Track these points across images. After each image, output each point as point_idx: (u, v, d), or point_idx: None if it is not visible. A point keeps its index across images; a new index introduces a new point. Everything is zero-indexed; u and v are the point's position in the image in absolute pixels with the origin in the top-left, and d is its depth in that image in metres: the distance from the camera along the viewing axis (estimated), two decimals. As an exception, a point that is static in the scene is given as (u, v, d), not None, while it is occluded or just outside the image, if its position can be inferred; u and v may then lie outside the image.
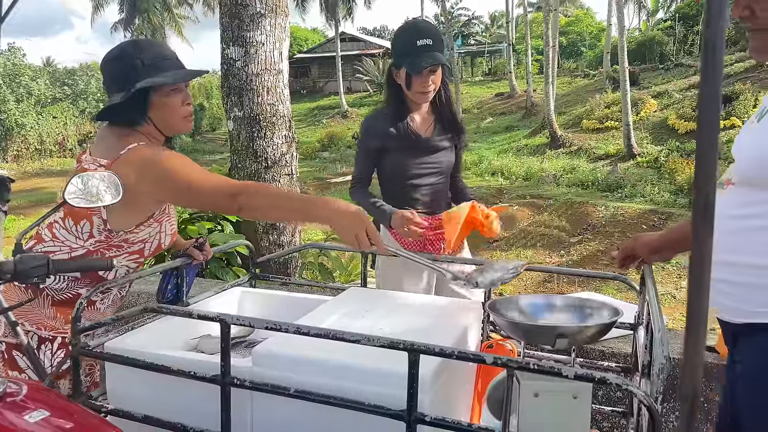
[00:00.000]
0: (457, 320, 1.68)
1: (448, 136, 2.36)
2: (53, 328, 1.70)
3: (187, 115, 1.72)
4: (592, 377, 1.05)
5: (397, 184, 2.34)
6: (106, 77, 1.70)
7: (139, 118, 1.67)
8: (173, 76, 1.64)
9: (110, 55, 1.70)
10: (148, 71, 1.62)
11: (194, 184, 1.59)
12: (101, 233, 1.65)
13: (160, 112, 1.67)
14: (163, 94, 1.65)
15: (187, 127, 1.75)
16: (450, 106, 2.38)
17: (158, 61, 1.64)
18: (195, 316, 1.40)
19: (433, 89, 2.25)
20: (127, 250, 1.71)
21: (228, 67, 4.22)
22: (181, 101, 1.69)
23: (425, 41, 2.17)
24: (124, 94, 1.62)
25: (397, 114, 2.30)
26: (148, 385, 1.51)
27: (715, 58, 0.51)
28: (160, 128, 1.70)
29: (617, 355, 2.28)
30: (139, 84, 1.60)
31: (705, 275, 0.53)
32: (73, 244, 1.67)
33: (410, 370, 1.17)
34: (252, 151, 4.27)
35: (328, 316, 1.68)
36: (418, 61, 2.16)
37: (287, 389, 1.30)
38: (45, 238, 1.69)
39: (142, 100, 1.64)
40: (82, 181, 1.60)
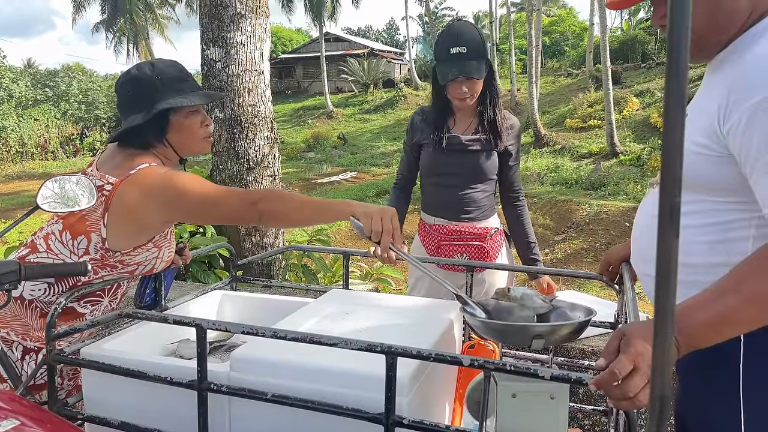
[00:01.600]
0: (438, 321, 1.68)
1: (483, 139, 2.27)
2: (39, 339, 1.67)
3: (205, 136, 1.71)
4: (569, 378, 1.05)
5: (428, 180, 2.32)
6: (123, 98, 1.66)
7: (157, 139, 1.65)
8: (194, 99, 1.63)
9: (127, 76, 1.67)
10: (166, 93, 1.60)
11: (210, 198, 1.57)
12: (97, 251, 1.61)
13: (179, 134, 1.65)
14: (182, 116, 1.64)
15: (205, 148, 1.74)
16: (493, 109, 2.28)
17: (176, 83, 1.63)
18: (170, 321, 1.38)
19: (468, 96, 2.19)
20: (120, 270, 1.68)
21: (208, 68, 4.19)
22: (200, 122, 1.68)
23: (459, 49, 2.10)
24: (143, 115, 1.59)
25: (438, 111, 2.28)
26: (125, 391, 1.49)
27: (680, 62, 0.51)
28: (177, 149, 1.68)
29: (597, 354, 2.29)
30: (160, 105, 1.58)
31: (671, 276, 0.53)
32: (67, 258, 1.62)
33: (388, 373, 1.17)
34: (233, 152, 4.24)
35: (307, 318, 1.67)
36: (447, 71, 2.13)
37: (265, 394, 1.29)
38: (39, 248, 1.65)
39: (162, 121, 1.62)
40: (58, 185, 1.57)
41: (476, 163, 2.27)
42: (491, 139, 2.27)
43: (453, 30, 2.20)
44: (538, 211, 13.38)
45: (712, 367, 1.20)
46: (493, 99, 2.29)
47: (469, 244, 2.30)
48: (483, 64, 2.16)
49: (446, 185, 2.28)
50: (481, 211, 2.33)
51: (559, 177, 16.88)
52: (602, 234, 11.41)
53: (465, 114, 2.30)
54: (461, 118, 2.30)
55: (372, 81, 34.95)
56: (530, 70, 21.18)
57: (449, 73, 2.12)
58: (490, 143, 2.27)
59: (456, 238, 2.29)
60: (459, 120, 2.30)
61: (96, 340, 1.63)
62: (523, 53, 32.98)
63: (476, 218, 2.31)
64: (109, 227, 1.58)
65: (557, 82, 29.81)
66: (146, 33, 37.53)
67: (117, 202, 1.56)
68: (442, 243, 2.29)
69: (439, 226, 2.30)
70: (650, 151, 17.49)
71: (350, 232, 12.76)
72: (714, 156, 1.14)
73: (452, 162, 2.26)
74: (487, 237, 2.32)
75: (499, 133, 2.28)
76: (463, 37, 2.13)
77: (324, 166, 22.69)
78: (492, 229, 2.36)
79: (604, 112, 19.02)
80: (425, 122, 2.31)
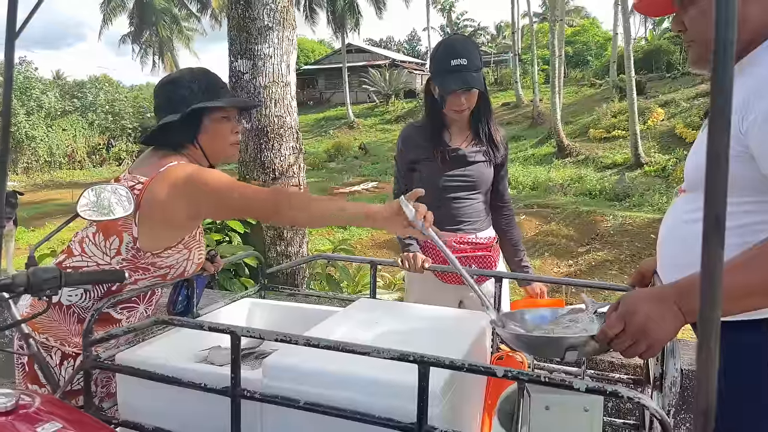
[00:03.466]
0: (467, 332, 1.68)
1: (483, 149, 2.30)
2: (77, 345, 1.70)
3: (234, 142, 1.77)
4: (604, 390, 1.05)
5: (428, 197, 2.32)
6: (161, 99, 1.72)
7: (188, 140, 1.70)
8: (228, 101, 1.69)
9: (166, 79, 1.75)
10: (202, 96, 1.67)
11: (236, 189, 1.61)
12: (129, 251, 1.65)
13: (210, 137, 1.71)
14: (215, 120, 1.70)
15: (233, 155, 1.80)
16: (488, 121, 2.31)
17: (213, 88, 1.70)
18: (206, 328, 1.41)
19: (467, 108, 2.21)
20: (153, 273, 1.71)
21: (236, 80, 4.25)
22: (231, 130, 1.74)
23: (459, 61, 2.12)
24: (179, 116, 1.65)
25: (433, 125, 2.29)
26: (158, 396, 1.51)
27: (726, 71, 0.51)
28: (207, 153, 1.74)
29: (627, 367, 2.26)
30: (194, 105, 1.64)
31: (717, 287, 0.53)
32: (100, 260, 1.67)
33: (420, 382, 1.17)
34: (260, 162, 4.29)
35: (337, 327, 1.68)
36: (448, 83, 2.14)
37: (297, 401, 1.31)
38: (74, 252, 1.70)
39: (195, 122, 1.68)
40: (95, 193, 1.61)
41: (477, 174, 2.31)
42: (490, 150, 2.32)
43: (452, 43, 2.23)
44: (561, 222, 13.27)
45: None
46: (487, 111, 2.32)
47: (476, 254, 2.31)
48: (481, 76, 2.19)
49: (450, 198, 2.29)
50: (482, 221, 2.36)
51: (583, 188, 16.74)
52: (627, 246, 11.26)
53: (460, 127, 2.31)
54: (457, 131, 2.32)
55: (393, 91, 35.09)
56: (553, 80, 21.09)
57: (452, 84, 2.14)
58: (489, 154, 2.32)
59: (466, 249, 2.29)
60: (455, 133, 2.32)
61: (130, 346, 1.66)
62: (545, 63, 32.84)
63: (479, 228, 2.33)
64: (140, 226, 1.61)
65: (580, 92, 29.64)
66: (172, 45, 38.17)
67: (147, 200, 1.60)
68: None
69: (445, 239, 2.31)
70: (675, 162, 17.27)
71: (371, 242, 12.78)
72: (734, 155, 1.17)
73: (455, 174, 2.28)
74: (492, 246, 2.34)
75: (498, 145, 2.33)
76: (462, 50, 2.16)
77: (345, 176, 22.80)
78: (495, 237, 2.38)
79: (628, 122, 18.84)
80: (421, 138, 2.31)
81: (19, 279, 1.30)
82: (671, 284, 1.15)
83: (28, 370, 1.71)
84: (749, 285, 1.06)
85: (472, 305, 2.29)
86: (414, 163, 2.32)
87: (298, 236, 4.48)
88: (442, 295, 2.30)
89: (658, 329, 1.06)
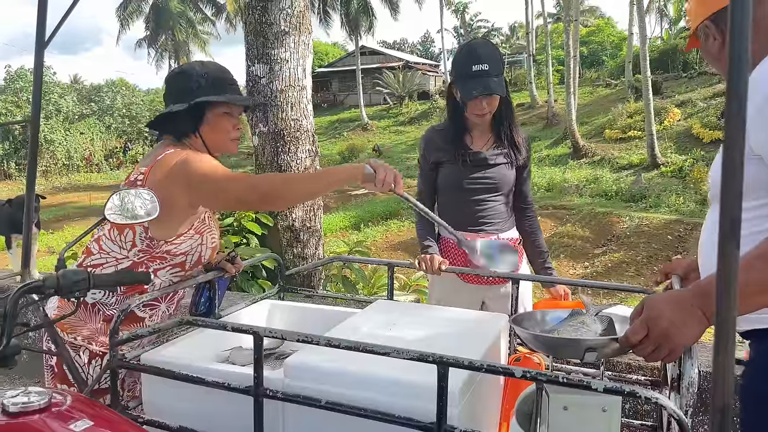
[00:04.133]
0: (484, 333, 1.70)
1: (505, 151, 2.32)
2: (103, 344, 1.73)
3: (234, 138, 1.82)
4: (622, 390, 1.06)
5: (450, 197, 2.35)
6: (169, 89, 1.79)
7: (190, 130, 1.76)
8: (230, 98, 1.73)
9: (177, 70, 1.82)
10: (209, 90, 1.72)
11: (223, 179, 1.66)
12: (143, 242, 1.71)
13: (211, 129, 1.76)
14: (217, 114, 1.75)
15: (232, 149, 1.84)
16: (510, 124, 2.33)
17: (220, 83, 1.75)
18: (229, 328, 1.44)
19: (488, 113, 2.23)
20: (170, 262, 1.77)
21: (253, 84, 4.30)
22: (232, 125, 1.79)
23: (480, 66, 2.13)
24: (184, 106, 1.71)
25: (455, 129, 2.31)
26: (183, 396, 1.55)
27: (740, 77, 0.53)
28: (208, 144, 1.79)
29: (644, 368, 2.27)
30: (198, 98, 1.70)
31: (732, 288, 0.55)
32: (118, 254, 1.73)
33: (439, 383, 1.19)
34: (276, 165, 4.33)
35: (356, 328, 1.71)
36: (469, 89, 2.16)
37: (319, 401, 1.33)
38: (93, 251, 1.76)
39: (198, 114, 1.74)
40: (119, 197, 1.66)
41: (499, 176, 2.32)
42: (511, 153, 2.33)
43: (474, 47, 2.24)
44: (577, 224, 13.20)
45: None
46: (509, 114, 2.34)
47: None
48: (503, 81, 2.21)
49: (472, 199, 2.31)
50: (505, 222, 2.37)
51: (599, 189, 16.64)
52: (644, 247, 11.19)
53: (482, 130, 2.33)
54: (478, 134, 2.34)
55: (407, 93, 35.11)
56: (568, 81, 20.99)
57: (473, 90, 2.15)
58: (511, 157, 2.33)
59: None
60: (476, 136, 2.34)
61: (155, 346, 1.70)
62: (560, 64, 32.69)
63: (502, 229, 2.34)
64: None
65: (595, 93, 29.46)
66: (187, 48, 38.51)
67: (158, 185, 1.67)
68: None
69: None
70: (692, 163, 17.12)
71: (385, 244, 12.80)
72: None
73: (476, 176, 2.30)
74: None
75: (519, 148, 2.35)
76: (484, 55, 2.17)
77: (360, 178, 22.82)
78: (518, 238, 2.38)
79: (644, 122, 18.71)
80: (443, 141, 2.33)
81: (49, 281, 1.34)
82: (691, 287, 1.16)
83: (57, 371, 1.75)
84: (763, 282, 1.07)
85: (494, 306, 2.31)
86: (436, 165, 2.34)
87: (313, 238, 4.52)
88: (464, 295, 2.31)
89: (681, 334, 1.08)
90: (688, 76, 25.99)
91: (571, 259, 10.94)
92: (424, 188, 2.42)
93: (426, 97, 35.46)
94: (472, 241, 2.12)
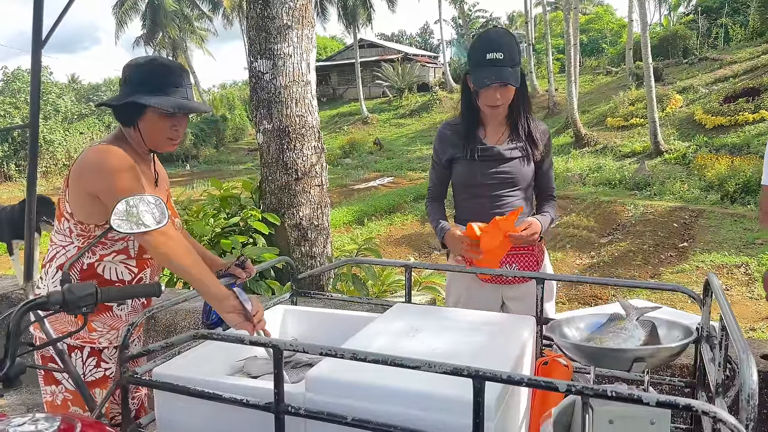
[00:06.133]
0: (511, 337, 1.62)
1: (521, 145, 2.24)
2: (79, 337, 1.74)
3: (172, 137, 1.79)
4: (676, 404, 0.98)
5: (465, 193, 2.26)
6: (123, 76, 1.78)
7: (129, 123, 1.77)
8: (162, 102, 1.70)
9: (137, 60, 1.80)
10: (153, 89, 1.71)
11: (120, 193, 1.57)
12: (76, 227, 1.74)
13: (147, 126, 1.76)
14: (155, 113, 1.73)
15: (168, 148, 1.84)
16: (526, 116, 2.24)
17: (167, 87, 1.73)
18: (247, 342, 1.36)
19: (501, 104, 2.14)
20: (112, 248, 1.77)
21: (256, 80, 4.20)
22: (170, 125, 1.77)
23: (495, 55, 2.06)
24: (123, 98, 1.72)
25: (468, 122, 2.23)
26: (198, 412, 1.47)
27: None
28: (145, 140, 1.78)
29: (673, 368, 2.19)
30: (132, 98, 1.69)
31: None
32: (63, 242, 1.77)
33: (475, 398, 1.12)
34: (282, 163, 4.24)
35: (377, 336, 1.63)
36: (482, 77, 2.07)
37: (344, 417, 1.26)
38: (50, 250, 1.80)
39: (136, 110, 1.72)
40: (124, 204, 1.57)
41: (515, 170, 2.23)
42: (528, 147, 2.24)
43: (490, 35, 2.16)
44: (581, 213, 13.11)
45: None
46: (526, 107, 2.24)
47: (519, 253, 2.23)
48: (518, 72, 2.11)
49: (488, 195, 2.22)
50: (524, 219, 2.26)
51: (602, 177, 16.52)
52: (650, 235, 11.09)
53: (496, 123, 2.24)
54: (493, 128, 2.25)
55: (406, 85, 34.93)
56: (569, 69, 20.82)
57: (486, 79, 2.06)
58: (527, 151, 2.24)
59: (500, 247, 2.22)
60: (491, 130, 2.25)
61: (165, 360, 1.62)
62: (559, 52, 32.50)
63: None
64: (70, 200, 1.73)
65: (596, 81, 29.29)
66: (185, 45, 38.33)
67: (72, 175, 1.73)
68: None
69: None
70: (696, 149, 16.99)
71: (390, 240, 12.73)
72: None
73: (491, 172, 2.21)
74: (535, 245, 2.25)
75: (536, 142, 2.25)
76: (500, 44, 2.08)
77: (361, 172, 22.73)
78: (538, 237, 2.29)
79: (646, 109, 18.56)
80: (456, 135, 2.25)
81: (54, 297, 1.26)
82: None
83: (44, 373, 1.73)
84: None
85: (514, 306, 2.22)
86: (450, 162, 2.26)
87: (321, 236, 4.44)
88: (482, 295, 2.23)
89: None
90: (689, 62, 25.77)
91: (577, 249, 10.83)
92: (435, 183, 2.34)
93: (426, 89, 35.27)
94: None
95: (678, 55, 27.76)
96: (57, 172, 28.50)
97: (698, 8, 31.79)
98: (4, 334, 1.24)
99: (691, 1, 36.90)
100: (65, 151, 28.91)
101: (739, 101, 18.42)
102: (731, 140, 16.88)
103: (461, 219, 2.30)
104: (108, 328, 1.78)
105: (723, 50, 26.37)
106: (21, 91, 28.63)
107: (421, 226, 12.99)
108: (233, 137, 34.99)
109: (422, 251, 11.37)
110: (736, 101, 18.53)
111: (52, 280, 1.76)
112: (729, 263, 9.06)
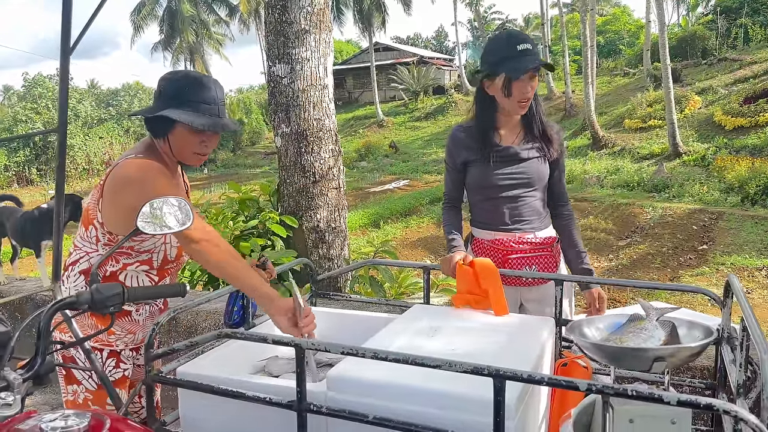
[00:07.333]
0: (530, 338, 1.63)
1: (536, 145, 2.24)
2: (98, 340, 1.77)
3: (199, 152, 1.80)
4: (698, 403, 0.99)
5: (481, 196, 2.26)
6: (157, 88, 1.80)
7: (159, 134, 1.79)
8: (191, 119, 1.71)
9: (171, 75, 1.81)
10: (184, 105, 1.72)
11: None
12: (104, 236, 1.75)
13: (176, 140, 1.77)
14: (185, 129, 1.74)
15: (194, 163, 1.85)
16: (540, 115, 2.25)
17: (197, 103, 1.73)
18: (270, 341, 1.39)
19: (530, 98, 2.16)
20: (136, 258, 1.78)
21: (275, 85, 4.24)
22: (199, 141, 1.78)
23: (525, 45, 2.08)
24: (155, 110, 1.73)
25: (482, 125, 2.24)
26: (220, 410, 1.50)
27: None
28: (174, 152, 1.80)
29: (693, 369, 2.18)
30: (163, 111, 1.70)
31: None
32: (89, 249, 1.78)
33: (496, 397, 1.13)
34: (300, 166, 4.27)
35: (397, 336, 1.64)
36: (521, 65, 2.07)
37: (366, 416, 1.27)
38: (72, 254, 1.81)
39: (168, 123, 1.74)
40: (150, 206, 1.61)
41: (532, 170, 2.23)
42: (543, 147, 2.25)
43: (512, 32, 2.22)
44: (599, 216, 13.02)
45: None
46: (539, 107, 2.26)
47: (537, 254, 2.22)
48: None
49: (505, 197, 2.22)
50: (541, 219, 2.27)
51: (620, 179, 16.39)
52: (669, 238, 10.98)
53: (511, 126, 2.24)
54: (507, 131, 2.25)
55: (422, 88, 34.93)
56: (586, 71, 20.71)
57: (527, 64, 2.06)
58: (543, 151, 2.24)
59: (525, 249, 2.21)
60: (505, 133, 2.25)
61: (189, 359, 1.65)
62: (576, 54, 32.32)
63: (538, 227, 2.24)
64: (103, 211, 1.73)
65: (613, 82, 29.07)
66: (202, 50, 38.68)
67: (106, 188, 1.73)
68: (509, 257, 2.21)
69: (501, 240, 2.22)
70: (715, 151, 16.80)
71: (406, 243, 12.73)
72: None
73: (508, 172, 2.21)
74: (552, 246, 2.25)
75: (551, 140, 2.26)
76: (524, 37, 2.13)
77: (376, 175, 22.78)
78: (555, 237, 2.28)
79: (664, 111, 18.40)
80: (470, 138, 2.25)
81: (83, 297, 1.29)
82: None
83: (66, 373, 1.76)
84: None
85: (533, 308, 2.22)
86: (465, 165, 2.26)
87: (339, 238, 4.46)
88: None
89: None
90: (708, 63, 25.50)
91: (595, 252, 10.76)
92: (450, 187, 2.34)
93: (441, 91, 35.23)
94: None
95: (697, 56, 27.48)
96: (77, 176, 28.89)
97: (717, 8, 31.42)
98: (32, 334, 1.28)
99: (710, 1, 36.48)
100: (85, 155, 29.31)
101: (759, 102, 18.18)
102: (752, 141, 16.66)
103: (477, 221, 2.30)
104: (126, 332, 1.81)
105: (743, 51, 26.04)
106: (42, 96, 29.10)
107: (437, 229, 12.98)
108: (250, 141, 35.25)
109: (438, 254, 11.36)
110: (756, 102, 18.29)
111: (74, 284, 1.79)
112: (750, 266, 8.95)
